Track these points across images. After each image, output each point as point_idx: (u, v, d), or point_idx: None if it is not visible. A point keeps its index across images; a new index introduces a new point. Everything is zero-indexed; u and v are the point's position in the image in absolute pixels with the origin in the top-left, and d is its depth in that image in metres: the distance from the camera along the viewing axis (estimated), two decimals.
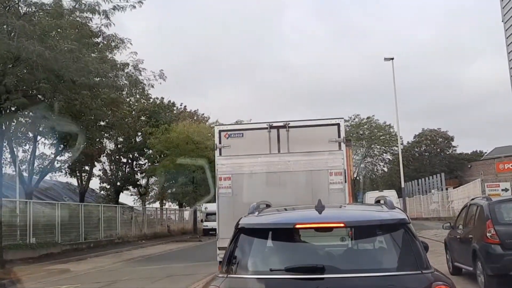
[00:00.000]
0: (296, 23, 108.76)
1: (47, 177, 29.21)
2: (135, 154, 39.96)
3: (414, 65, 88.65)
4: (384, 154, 68.71)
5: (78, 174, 34.88)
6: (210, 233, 32.29)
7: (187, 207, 45.08)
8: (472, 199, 11.76)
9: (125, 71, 18.16)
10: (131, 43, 17.96)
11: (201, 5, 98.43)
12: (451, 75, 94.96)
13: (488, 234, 9.12)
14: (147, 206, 42.38)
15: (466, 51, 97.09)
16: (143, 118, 38.59)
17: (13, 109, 16.21)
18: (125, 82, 18.33)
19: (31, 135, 23.57)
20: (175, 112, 41.65)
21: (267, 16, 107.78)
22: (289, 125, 10.39)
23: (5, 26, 14.85)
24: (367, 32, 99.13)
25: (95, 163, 35.44)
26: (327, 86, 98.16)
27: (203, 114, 45.20)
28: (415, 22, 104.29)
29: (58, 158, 26.85)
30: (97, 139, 27.50)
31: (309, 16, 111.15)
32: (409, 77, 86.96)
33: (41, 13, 15.72)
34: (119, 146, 38.30)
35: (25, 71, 15.56)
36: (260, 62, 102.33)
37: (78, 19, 16.56)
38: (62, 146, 24.13)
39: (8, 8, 15.07)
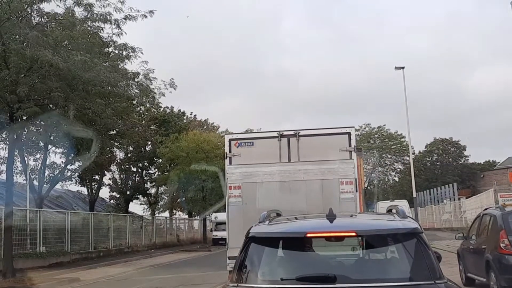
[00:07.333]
0: (299, 32, 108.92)
1: (58, 186, 29.26)
2: (145, 163, 40.02)
3: (419, 73, 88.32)
4: (395, 164, 68.53)
5: (88, 183, 35.01)
6: (220, 242, 32.18)
7: (196, 217, 45.05)
8: (485, 209, 11.65)
9: (136, 80, 18.27)
10: (142, 52, 18.07)
11: (198, 14, 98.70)
12: (460, 83, 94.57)
13: (501, 245, 9.00)
14: (157, 215, 42.40)
15: (471, 57, 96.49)
16: (153, 127, 38.71)
17: (24, 118, 16.33)
18: (136, 91, 18.42)
19: (42, 144, 23.72)
20: (185, 121, 41.79)
21: (269, 25, 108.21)
22: (299, 133, 10.36)
23: (17, 36, 15.02)
24: (369, 41, 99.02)
25: (105, 172, 35.58)
26: (331, 95, 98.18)
27: (213, 123, 45.37)
28: (418, 30, 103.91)
29: (68, 167, 26.97)
30: (108, 148, 27.62)
31: (309, 25, 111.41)
32: (416, 85, 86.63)
33: (53, 23, 15.87)
34: (129, 155, 38.40)
35: (37, 81, 15.68)
36: (262, 72, 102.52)
37: (89, 28, 16.70)
38: (73, 155, 24.26)
39: (21, 18, 15.23)
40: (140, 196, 41.16)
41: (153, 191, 42.04)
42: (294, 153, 10.23)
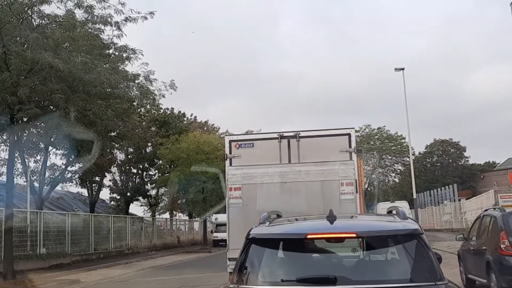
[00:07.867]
0: (299, 34, 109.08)
1: (58, 188, 29.29)
2: (145, 165, 40.06)
3: (419, 74, 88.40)
4: (396, 165, 68.58)
5: (88, 184, 35.01)
6: (220, 244, 32.19)
7: (197, 218, 45.06)
8: (486, 210, 11.65)
9: (136, 81, 18.27)
10: (142, 54, 18.07)
11: (198, 15, 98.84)
12: (460, 83, 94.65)
13: (502, 246, 8.99)
14: (157, 216, 42.41)
15: (470, 58, 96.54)
16: (153, 128, 38.73)
17: (25, 119, 16.34)
18: (136, 92, 18.42)
19: (42, 145, 23.72)
20: (185, 122, 41.82)
21: (269, 27, 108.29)
22: (299, 135, 10.36)
23: (18, 38, 15.03)
24: (369, 42, 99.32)
25: (106, 173, 35.58)
26: (331, 96, 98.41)
27: (213, 124, 45.41)
28: (418, 31, 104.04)
29: (69, 168, 27.00)
30: (108, 150, 27.63)
31: (309, 26, 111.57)
32: (416, 86, 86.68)
33: (53, 25, 15.88)
34: (129, 156, 38.43)
35: (37, 82, 15.69)
36: (262, 73, 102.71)
37: (90, 30, 16.70)
38: (73, 156, 24.28)
39: (21, 20, 15.23)
40: (140, 198, 41.18)
41: (153, 192, 42.09)
42: (294, 154, 10.22)
